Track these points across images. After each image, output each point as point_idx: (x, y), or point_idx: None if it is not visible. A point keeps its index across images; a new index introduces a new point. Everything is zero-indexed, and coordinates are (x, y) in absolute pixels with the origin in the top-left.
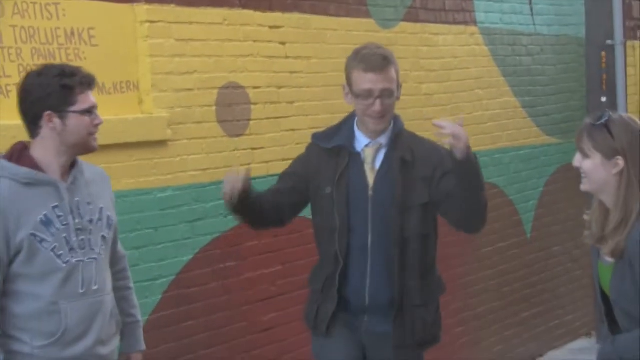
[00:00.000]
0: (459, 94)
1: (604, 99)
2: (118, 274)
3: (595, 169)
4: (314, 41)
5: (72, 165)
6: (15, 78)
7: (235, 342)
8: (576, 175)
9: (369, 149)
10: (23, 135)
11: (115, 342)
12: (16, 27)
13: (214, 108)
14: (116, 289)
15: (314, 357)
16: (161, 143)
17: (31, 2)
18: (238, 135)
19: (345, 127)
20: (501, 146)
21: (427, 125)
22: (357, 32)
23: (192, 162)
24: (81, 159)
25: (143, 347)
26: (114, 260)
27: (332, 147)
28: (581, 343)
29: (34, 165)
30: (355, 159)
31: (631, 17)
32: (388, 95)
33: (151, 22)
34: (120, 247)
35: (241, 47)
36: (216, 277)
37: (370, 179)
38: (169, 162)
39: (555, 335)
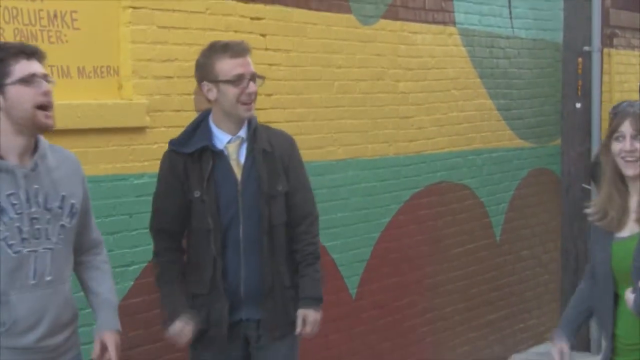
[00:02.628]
0: (435, 93)
1: (578, 105)
2: (93, 259)
3: None
4: (294, 34)
5: (36, 147)
6: None
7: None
8: (548, 180)
9: (232, 145)
10: None
11: (71, 330)
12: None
13: (192, 96)
14: (88, 269)
15: None
16: (139, 129)
17: None
18: None
19: (201, 128)
20: (474, 148)
21: (402, 123)
22: (337, 27)
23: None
24: (50, 143)
25: (117, 326)
26: (86, 246)
27: (193, 151)
28: (545, 347)
29: None
30: (220, 157)
31: (608, 25)
32: (256, 78)
33: (134, 8)
34: (95, 233)
35: (222, 37)
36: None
37: (238, 174)
38: (147, 148)
39: (520, 338)
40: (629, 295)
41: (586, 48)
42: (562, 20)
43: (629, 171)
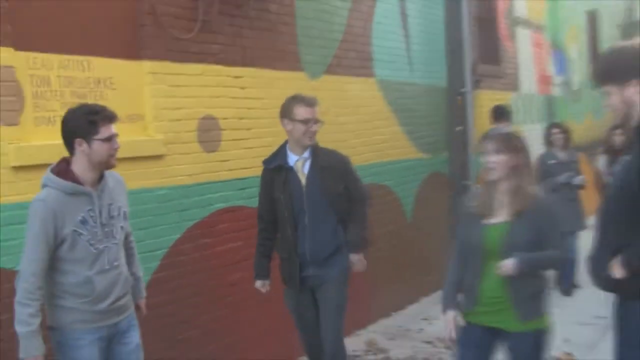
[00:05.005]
0: (363, 123)
1: (459, 128)
2: (127, 245)
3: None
4: (265, 87)
5: (101, 176)
6: (59, 112)
7: (211, 293)
8: (440, 180)
9: (298, 162)
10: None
11: (128, 297)
12: (60, 77)
13: (195, 132)
14: (129, 256)
15: (285, 304)
16: (159, 157)
17: (71, 60)
18: (212, 152)
19: (280, 152)
20: (391, 159)
21: (341, 145)
22: (294, 80)
23: (180, 170)
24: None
25: (144, 294)
26: (125, 236)
27: (274, 167)
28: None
29: (75, 179)
30: (291, 171)
31: (476, 73)
32: (317, 122)
33: (153, 73)
34: (128, 226)
35: (214, 91)
36: (197, 249)
37: (303, 181)
38: (165, 170)
39: (426, 285)
40: (506, 262)
41: (462, 89)
42: (445, 71)
43: (491, 176)
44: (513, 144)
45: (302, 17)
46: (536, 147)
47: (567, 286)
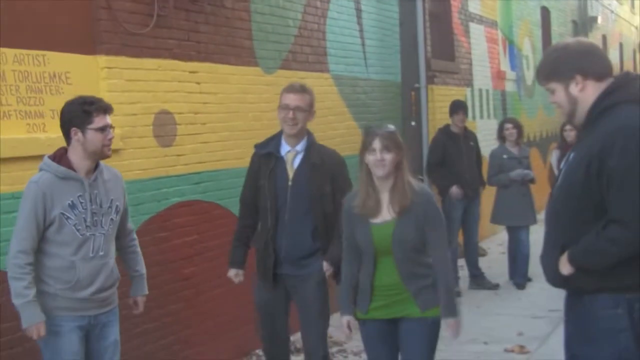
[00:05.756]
0: (317, 118)
1: (413, 123)
2: (128, 243)
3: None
4: (220, 82)
5: (97, 166)
6: (14, 106)
7: (166, 287)
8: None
9: (290, 154)
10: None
11: (113, 290)
12: (16, 71)
13: (151, 127)
14: (127, 253)
15: (255, 298)
16: (115, 151)
17: (27, 54)
18: (167, 146)
19: (275, 139)
20: (345, 154)
21: None
22: (249, 75)
23: (136, 164)
24: (103, 163)
25: (146, 292)
26: (124, 233)
27: (265, 153)
28: None
29: (69, 165)
30: (280, 160)
31: (430, 69)
32: (299, 110)
33: (108, 68)
34: (129, 224)
35: (170, 85)
36: (153, 243)
37: (290, 174)
38: (120, 164)
39: None
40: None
41: (417, 85)
42: (400, 66)
43: (379, 173)
44: (398, 141)
45: (258, 13)
46: (490, 143)
47: (521, 280)
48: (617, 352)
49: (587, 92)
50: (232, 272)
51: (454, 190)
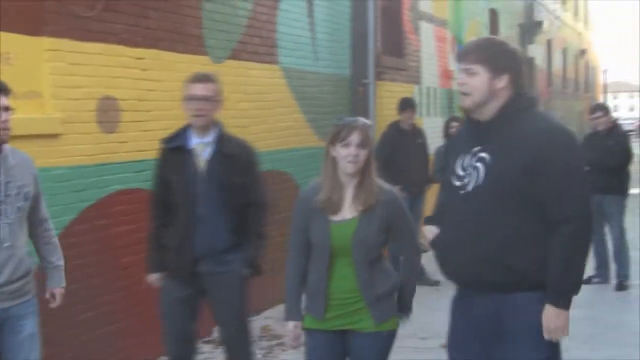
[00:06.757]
0: (265, 110)
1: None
2: (42, 232)
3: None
4: (165, 69)
5: (0, 152)
6: None
7: (104, 276)
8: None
9: (199, 146)
10: None
11: (25, 281)
12: None
13: (94, 112)
14: (41, 244)
15: (162, 297)
16: (57, 135)
17: None
18: (110, 132)
19: (182, 132)
20: (292, 147)
21: (242, 131)
22: (196, 64)
23: (78, 149)
24: (10, 147)
25: (63, 284)
26: (37, 222)
27: (173, 147)
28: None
29: None
30: (190, 153)
31: (379, 65)
32: (207, 100)
33: (52, 50)
34: (43, 212)
35: (115, 71)
36: (92, 230)
37: (201, 166)
38: (61, 149)
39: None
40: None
41: (365, 80)
42: (350, 61)
43: (350, 170)
44: (370, 137)
45: (208, 1)
46: (436, 140)
47: None
48: None
49: (504, 93)
50: (154, 277)
51: (397, 191)
